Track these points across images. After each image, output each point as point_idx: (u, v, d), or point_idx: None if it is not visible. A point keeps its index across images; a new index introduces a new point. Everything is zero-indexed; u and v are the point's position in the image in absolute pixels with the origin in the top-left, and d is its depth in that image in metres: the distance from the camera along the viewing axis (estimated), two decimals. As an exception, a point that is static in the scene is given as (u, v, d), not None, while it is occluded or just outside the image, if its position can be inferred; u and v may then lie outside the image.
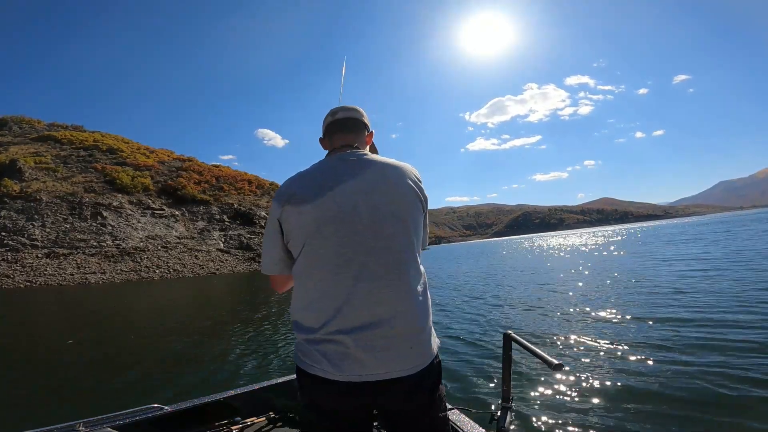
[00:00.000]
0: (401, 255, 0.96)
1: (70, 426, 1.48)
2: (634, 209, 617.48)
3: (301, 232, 0.96)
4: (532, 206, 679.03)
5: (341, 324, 0.92)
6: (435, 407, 1.02)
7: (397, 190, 0.99)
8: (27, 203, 33.13)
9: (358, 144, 1.11)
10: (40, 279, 26.38)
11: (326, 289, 0.94)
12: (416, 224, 1.01)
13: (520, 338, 1.35)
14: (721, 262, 10.92)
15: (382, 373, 0.92)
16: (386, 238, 0.95)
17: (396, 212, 0.97)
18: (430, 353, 0.98)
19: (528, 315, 7.03)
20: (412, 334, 0.95)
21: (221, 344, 6.62)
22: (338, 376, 0.91)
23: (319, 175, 1.01)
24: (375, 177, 0.99)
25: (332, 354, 0.92)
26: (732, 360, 3.77)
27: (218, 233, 39.40)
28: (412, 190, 1.01)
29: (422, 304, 0.98)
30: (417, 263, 1.00)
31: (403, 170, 1.02)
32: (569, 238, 66.02)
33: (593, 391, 3.38)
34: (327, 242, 0.94)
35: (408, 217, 0.98)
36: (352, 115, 1.14)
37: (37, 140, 47.72)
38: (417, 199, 1.02)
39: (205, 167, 50.98)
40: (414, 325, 0.95)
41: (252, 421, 1.77)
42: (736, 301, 6.11)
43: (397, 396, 0.96)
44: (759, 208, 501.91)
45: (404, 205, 0.98)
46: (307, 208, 0.95)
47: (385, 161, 1.04)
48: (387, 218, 0.96)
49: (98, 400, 4.15)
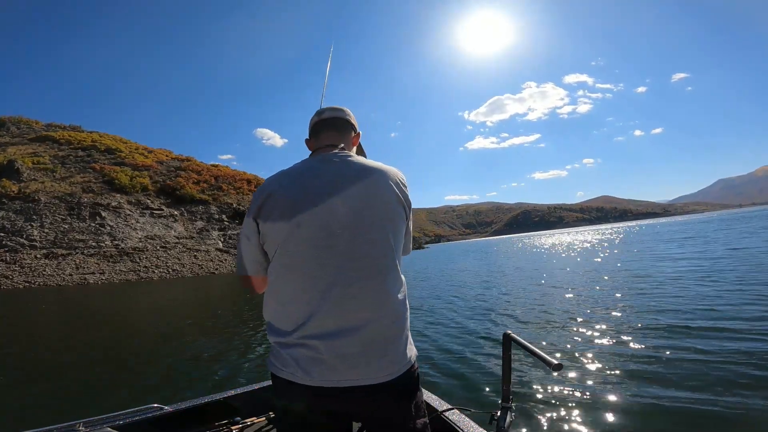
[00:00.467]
0: (379, 261, 0.93)
1: (70, 426, 1.48)
2: (633, 207, 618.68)
3: (277, 234, 0.94)
4: (531, 204, 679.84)
5: (313, 329, 0.90)
6: (412, 416, 0.99)
7: (378, 194, 0.96)
8: (25, 204, 33.02)
9: (344, 144, 1.09)
10: (38, 279, 26.32)
11: (300, 293, 0.93)
12: (397, 230, 0.98)
13: (519, 338, 1.35)
14: (722, 260, 10.90)
15: (353, 379, 0.90)
16: (364, 243, 0.92)
17: (376, 218, 0.94)
18: (406, 361, 0.96)
19: (528, 315, 7.01)
20: (387, 341, 0.93)
21: (221, 344, 6.59)
22: (308, 380, 0.90)
23: (299, 175, 0.98)
24: (356, 180, 0.95)
25: (303, 359, 0.90)
26: (733, 360, 3.74)
27: (217, 233, 39.33)
28: (395, 195, 0.97)
29: (399, 312, 0.95)
30: (397, 270, 0.97)
31: (386, 174, 0.99)
32: (569, 236, 66.08)
33: (593, 391, 3.37)
34: (302, 245, 0.92)
35: (388, 223, 0.96)
36: (338, 114, 1.13)
37: (35, 140, 47.57)
38: (399, 204, 0.98)
39: (203, 167, 50.86)
40: (389, 332, 0.93)
41: (252, 421, 1.76)
42: (737, 301, 6.08)
43: (370, 403, 0.94)
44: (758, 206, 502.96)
45: (385, 210, 0.95)
46: (284, 210, 0.93)
47: (368, 164, 1.01)
48: (366, 223, 0.93)
49: (98, 400, 4.15)
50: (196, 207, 41.47)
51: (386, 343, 0.92)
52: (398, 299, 0.96)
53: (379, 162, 1.04)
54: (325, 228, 0.92)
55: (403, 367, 0.95)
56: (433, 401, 1.62)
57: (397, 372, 0.94)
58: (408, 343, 0.99)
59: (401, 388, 0.96)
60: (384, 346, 0.92)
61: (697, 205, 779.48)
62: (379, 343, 0.92)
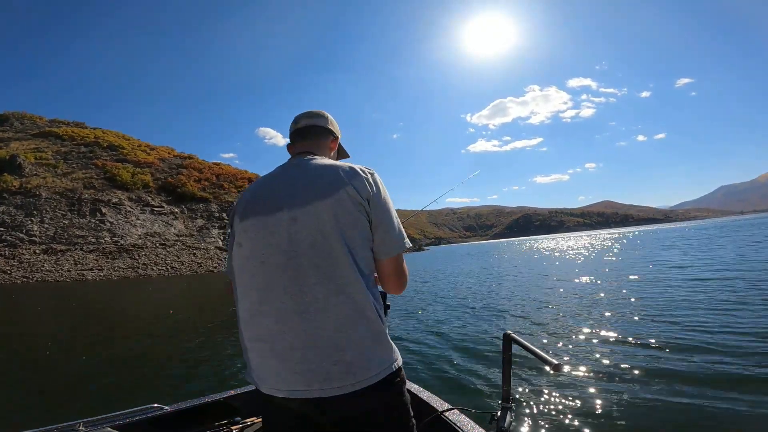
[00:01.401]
0: (321, 259, 0.89)
1: (70, 426, 1.47)
2: (634, 212, 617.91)
3: (234, 235, 0.99)
4: (532, 208, 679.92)
5: (256, 333, 0.91)
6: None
7: (326, 192, 0.93)
8: (26, 199, 33.06)
9: (316, 151, 1.11)
10: (36, 275, 26.29)
11: (245, 293, 0.94)
12: (346, 226, 0.92)
13: (520, 338, 1.35)
14: (722, 266, 10.81)
15: (301, 390, 0.86)
16: (309, 247, 0.90)
17: (321, 215, 0.91)
18: (365, 377, 0.86)
19: (528, 315, 7.00)
20: (335, 350, 0.86)
21: (221, 343, 6.56)
22: (263, 387, 0.92)
23: (263, 181, 1.04)
24: (308, 180, 0.97)
25: (254, 363, 0.92)
26: (734, 361, 3.74)
27: (217, 231, 39.31)
28: (345, 192, 0.93)
29: (351, 314, 0.88)
30: (350, 275, 0.89)
31: (341, 172, 0.97)
32: (570, 241, 66.01)
33: (593, 392, 3.38)
34: (248, 247, 0.95)
35: (332, 220, 0.91)
36: (312, 122, 1.15)
37: (38, 136, 47.68)
38: (350, 200, 0.93)
39: (205, 165, 50.92)
40: (337, 341, 0.86)
41: (252, 421, 1.74)
42: (737, 304, 6.08)
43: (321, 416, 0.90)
44: (760, 213, 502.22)
45: (331, 207, 0.92)
46: (241, 213, 0.98)
47: (327, 164, 1.01)
48: (309, 221, 0.91)
49: (98, 400, 4.14)
50: (197, 205, 41.47)
51: (334, 352, 0.86)
52: (355, 305, 0.88)
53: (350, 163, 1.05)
54: (270, 234, 0.92)
55: (361, 382, 0.87)
56: (433, 401, 1.61)
57: (350, 387, 0.86)
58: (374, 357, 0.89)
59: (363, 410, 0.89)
60: (330, 356, 0.86)
61: (699, 211, 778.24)
62: (323, 352, 0.86)
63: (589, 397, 3.28)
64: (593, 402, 3.19)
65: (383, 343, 0.91)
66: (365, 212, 0.94)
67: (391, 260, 0.98)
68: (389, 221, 0.97)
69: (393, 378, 0.91)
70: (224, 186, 46.46)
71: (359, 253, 0.92)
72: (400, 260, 1.00)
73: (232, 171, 52.27)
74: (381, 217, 0.96)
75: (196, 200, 41.94)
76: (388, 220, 0.97)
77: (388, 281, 1.01)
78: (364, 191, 0.94)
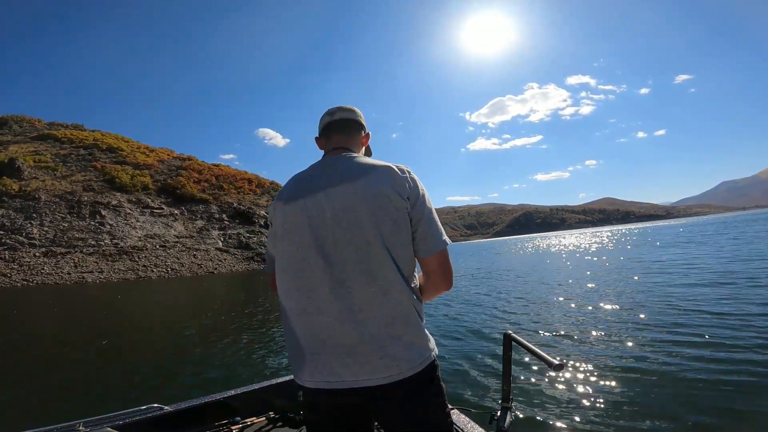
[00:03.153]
0: (365, 263, 0.92)
1: (70, 426, 1.47)
2: (635, 209, 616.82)
3: (276, 233, 1.02)
4: (533, 206, 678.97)
5: (301, 328, 0.95)
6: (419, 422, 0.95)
7: (366, 195, 0.95)
8: (25, 202, 32.99)
9: (352, 146, 1.11)
10: (37, 278, 26.22)
11: (290, 292, 0.97)
12: (392, 226, 0.94)
13: (520, 338, 1.35)
14: (724, 263, 10.68)
15: (349, 380, 0.91)
16: (348, 244, 0.93)
17: (362, 219, 0.93)
18: (407, 366, 0.91)
19: (528, 315, 6.95)
20: (379, 342, 0.91)
21: (221, 344, 6.58)
22: (306, 381, 0.95)
23: (303, 178, 1.04)
24: (348, 182, 0.97)
25: (294, 358, 0.97)
26: (734, 361, 3.71)
27: (217, 232, 39.20)
28: (384, 194, 0.95)
29: (395, 313, 0.92)
30: (390, 270, 0.93)
31: (379, 173, 0.97)
32: (571, 239, 65.87)
33: (594, 392, 3.35)
34: (292, 246, 0.97)
35: (372, 224, 0.93)
36: (348, 116, 1.13)
37: (37, 139, 47.62)
38: (390, 203, 0.95)
39: (204, 166, 50.83)
40: (382, 332, 0.91)
41: (252, 421, 1.77)
42: (739, 302, 6.02)
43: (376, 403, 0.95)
44: (762, 209, 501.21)
45: (372, 210, 0.94)
46: (282, 211, 1.00)
47: (365, 164, 1.00)
48: (352, 225, 0.93)
49: (98, 400, 4.15)
50: (197, 206, 41.37)
51: (379, 343, 0.91)
52: (397, 299, 0.92)
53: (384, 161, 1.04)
54: (313, 230, 0.95)
55: (403, 371, 0.91)
56: None
57: (397, 376, 0.91)
58: (413, 347, 0.93)
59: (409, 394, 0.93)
60: (377, 348, 0.91)
61: (701, 207, 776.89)
62: (368, 345, 0.90)
63: (589, 397, 3.26)
64: (593, 402, 3.16)
65: (422, 336, 0.96)
66: (406, 212, 0.96)
67: (434, 257, 0.98)
68: (429, 219, 0.98)
69: (432, 366, 0.97)
70: (224, 187, 46.36)
71: (400, 255, 0.95)
72: (444, 256, 1.00)
73: (232, 172, 52.18)
74: (421, 215, 0.97)
75: (195, 201, 41.84)
76: (428, 218, 0.98)
77: (433, 277, 1.01)
78: (404, 191, 0.95)
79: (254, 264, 35.13)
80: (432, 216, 0.99)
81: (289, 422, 1.80)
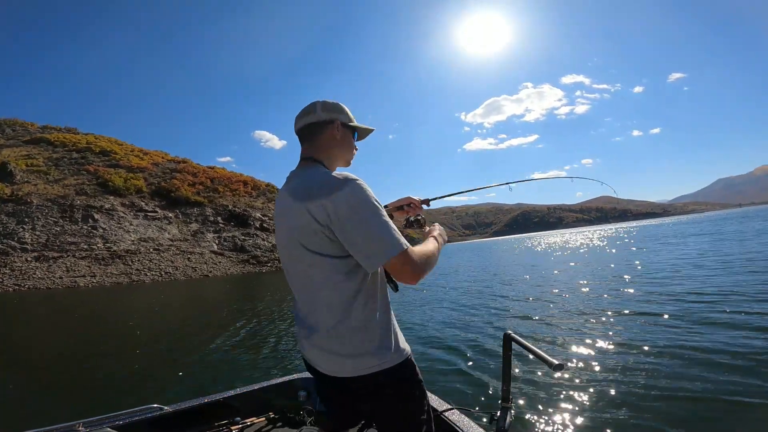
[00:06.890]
0: (307, 276, 1.04)
1: (70, 426, 1.48)
2: (633, 207, 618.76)
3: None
4: (530, 205, 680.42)
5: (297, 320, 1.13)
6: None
7: (294, 213, 1.01)
8: (17, 206, 32.67)
9: (317, 152, 1.13)
10: (28, 282, 25.93)
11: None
12: (313, 245, 0.99)
13: (520, 338, 1.35)
14: (724, 261, 10.66)
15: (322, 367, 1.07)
16: (293, 259, 1.05)
17: (294, 237, 1.02)
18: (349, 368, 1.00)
19: (528, 315, 6.92)
20: (327, 342, 1.02)
21: (219, 346, 6.59)
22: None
23: (281, 191, 1.15)
24: (285, 200, 1.06)
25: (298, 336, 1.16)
26: (735, 361, 3.69)
27: (212, 235, 38.94)
28: (304, 214, 0.99)
29: (338, 318, 1.00)
30: (330, 280, 1.00)
31: (302, 192, 1.00)
32: (569, 237, 65.92)
33: (594, 392, 3.34)
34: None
35: (301, 241, 1.01)
36: (307, 121, 1.13)
37: (30, 143, 47.23)
38: (312, 220, 0.97)
39: (199, 169, 50.54)
40: (326, 335, 1.02)
41: (252, 421, 1.79)
42: (740, 301, 5.94)
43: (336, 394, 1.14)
44: (758, 206, 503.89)
45: (300, 228, 1.00)
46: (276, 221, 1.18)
47: (295, 183, 1.06)
48: (291, 242, 1.04)
49: (98, 400, 4.18)
50: (191, 209, 41.10)
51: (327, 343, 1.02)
52: (338, 306, 0.99)
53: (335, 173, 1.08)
54: (279, 245, 1.13)
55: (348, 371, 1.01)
56: (433, 401, 1.59)
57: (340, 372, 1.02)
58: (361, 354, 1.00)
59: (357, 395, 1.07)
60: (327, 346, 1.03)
61: (697, 204, 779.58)
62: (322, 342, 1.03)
63: (589, 396, 3.25)
64: (594, 402, 3.15)
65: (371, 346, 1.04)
66: (328, 229, 0.96)
67: (387, 265, 0.97)
68: (361, 236, 0.94)
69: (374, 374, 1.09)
70: (219, 190, 46.09)
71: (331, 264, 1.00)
72: (398, 262, 0.94)
73: (227, 174, 51.91)
74: (348, 235, 0.95)
75: (190, 204, 41.55)
76: (358, 236, 0.94)
77: (396, 278, 1.03)
78: (321, 216, 0.95)
79: (249, 267, 34.89)
80: (364, 233, 0.93)
81: (289, 422, 1.82)
